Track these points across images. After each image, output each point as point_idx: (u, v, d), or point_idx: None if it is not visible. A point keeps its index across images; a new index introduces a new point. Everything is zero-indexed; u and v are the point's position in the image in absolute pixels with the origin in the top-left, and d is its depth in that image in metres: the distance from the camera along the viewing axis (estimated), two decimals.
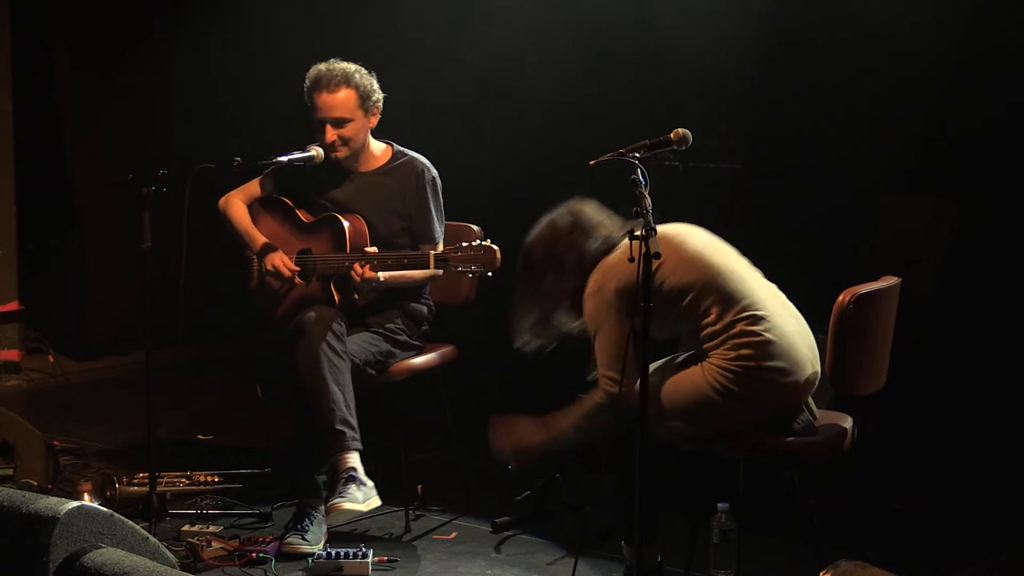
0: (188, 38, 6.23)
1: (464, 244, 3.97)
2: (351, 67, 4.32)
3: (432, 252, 4.05)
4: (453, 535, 4.26)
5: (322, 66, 4.32)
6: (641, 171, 3.29)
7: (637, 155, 3.43)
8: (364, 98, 4.30)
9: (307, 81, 4.32)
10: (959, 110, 4.78)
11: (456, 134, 5.47)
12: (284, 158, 4.28)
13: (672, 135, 3.53)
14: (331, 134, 4.29)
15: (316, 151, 4.33)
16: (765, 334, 3.43)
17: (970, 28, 4.71)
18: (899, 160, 4.91)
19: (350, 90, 4.27)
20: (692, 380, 3.47)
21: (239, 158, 4.13)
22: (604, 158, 3.43)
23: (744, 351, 3.43)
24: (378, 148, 4.45)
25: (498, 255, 3.93)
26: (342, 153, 4.34)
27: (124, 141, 6.32)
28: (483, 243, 3.95)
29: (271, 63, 6.35)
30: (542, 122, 5.69)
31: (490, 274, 3.96)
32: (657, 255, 3.09)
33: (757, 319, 3.45)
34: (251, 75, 6.35)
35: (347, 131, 4.30)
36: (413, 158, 4.44)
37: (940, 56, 4.72)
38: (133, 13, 6.38)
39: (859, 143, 4.72)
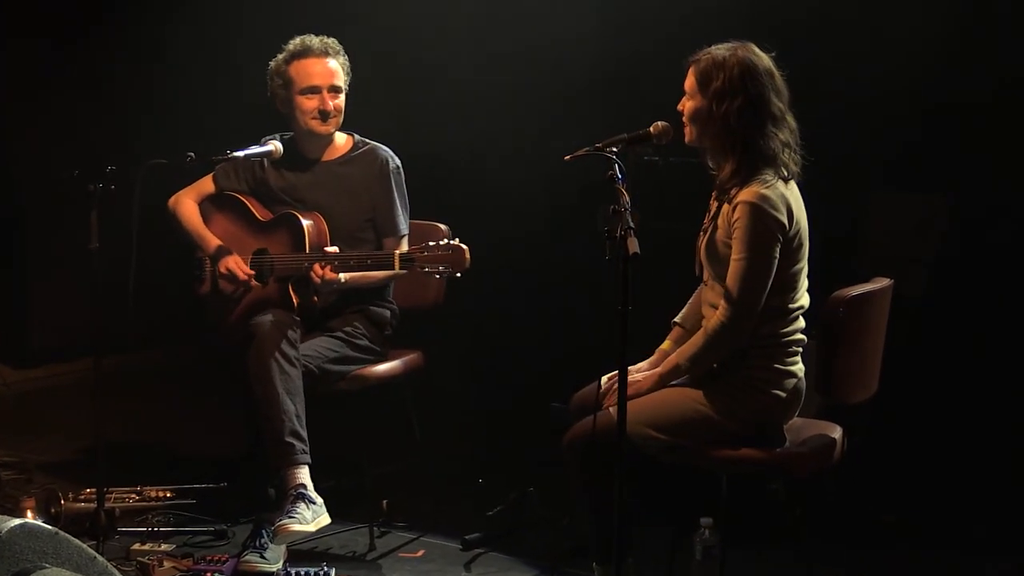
0: (139, 27, 6.15)
1: (431, 244, 3.86)
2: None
3: (397, 252, 3.96)
4: (420, 553, 4.18)
5: (300, 39, 4.23)
6: (619, 166, 3.23)
7: (614, 149, 3.36)
8: (346, 74, 4.26)
9: (287, 54, 4.23)
10: (950, 107, 4.78)
11: (424, 129, 5.35)
12: (240, 153, 4.18)
13: (652, 128, 3.56)
14: (328, 100, 4.19)
15: (275, 146, 4.25)
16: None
17: (961, 23, 4.68)
18: (889, 158, 4.88)
19: (339, 61, 4.24)
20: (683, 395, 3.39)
21: (192, 153, 4.04)
22: (579, 153, 3.44)
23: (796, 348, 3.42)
24: (340, 137, 4.38)
25: (467, 255, 3.82)
26: (332, 126, 4.25)
27: (70, 135, 6.22)
28: (451, 242, 3.84)
29: (227, 55, 6.21)
30: (514, 115, 5.57)
31: (459, 275, 3.84)
32: (637, 255, 2.94)
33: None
34: (206, 67, 6.25)
35: (341, 102, 4.23)
36: (375, 147, 4.39)
37: (930, 52, 4.70)
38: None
39: (848, 140, 4.74)
